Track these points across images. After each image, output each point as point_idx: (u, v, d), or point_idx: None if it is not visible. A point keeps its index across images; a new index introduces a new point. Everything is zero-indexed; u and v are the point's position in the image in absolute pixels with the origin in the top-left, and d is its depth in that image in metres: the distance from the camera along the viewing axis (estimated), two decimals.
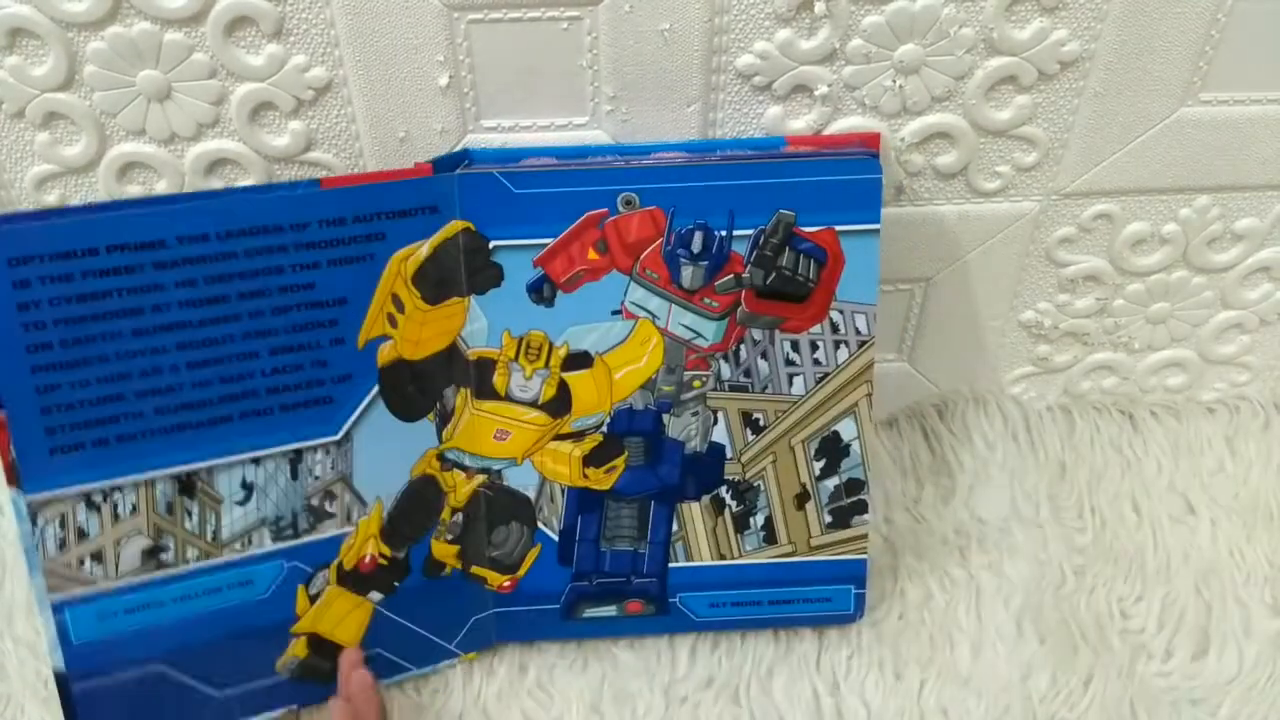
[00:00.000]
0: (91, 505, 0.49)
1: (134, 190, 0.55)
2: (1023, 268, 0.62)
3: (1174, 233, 0.60)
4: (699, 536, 0.57)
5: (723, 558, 0.58)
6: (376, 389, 0.52)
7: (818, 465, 0.56)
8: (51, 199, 0.55)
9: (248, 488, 0.51)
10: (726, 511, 0.57)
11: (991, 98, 0.54)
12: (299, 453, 0.51)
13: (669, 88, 0.52)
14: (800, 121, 0.54)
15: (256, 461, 0.51)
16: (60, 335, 0.46)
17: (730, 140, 0.54)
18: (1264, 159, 0.57)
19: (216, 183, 0.55)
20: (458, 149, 0.54)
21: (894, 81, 0.53)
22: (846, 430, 0.56)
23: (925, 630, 0.60)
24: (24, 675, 0.59)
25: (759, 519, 0.57)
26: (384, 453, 0.53)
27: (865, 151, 0.53)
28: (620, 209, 0.51)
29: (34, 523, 0.48)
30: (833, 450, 0.56)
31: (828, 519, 0.57)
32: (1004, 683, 0.57)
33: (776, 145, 0.53)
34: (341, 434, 0.52)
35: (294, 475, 0.52)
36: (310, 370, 0.50)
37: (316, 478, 0.52)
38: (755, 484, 0.57)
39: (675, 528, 0.57)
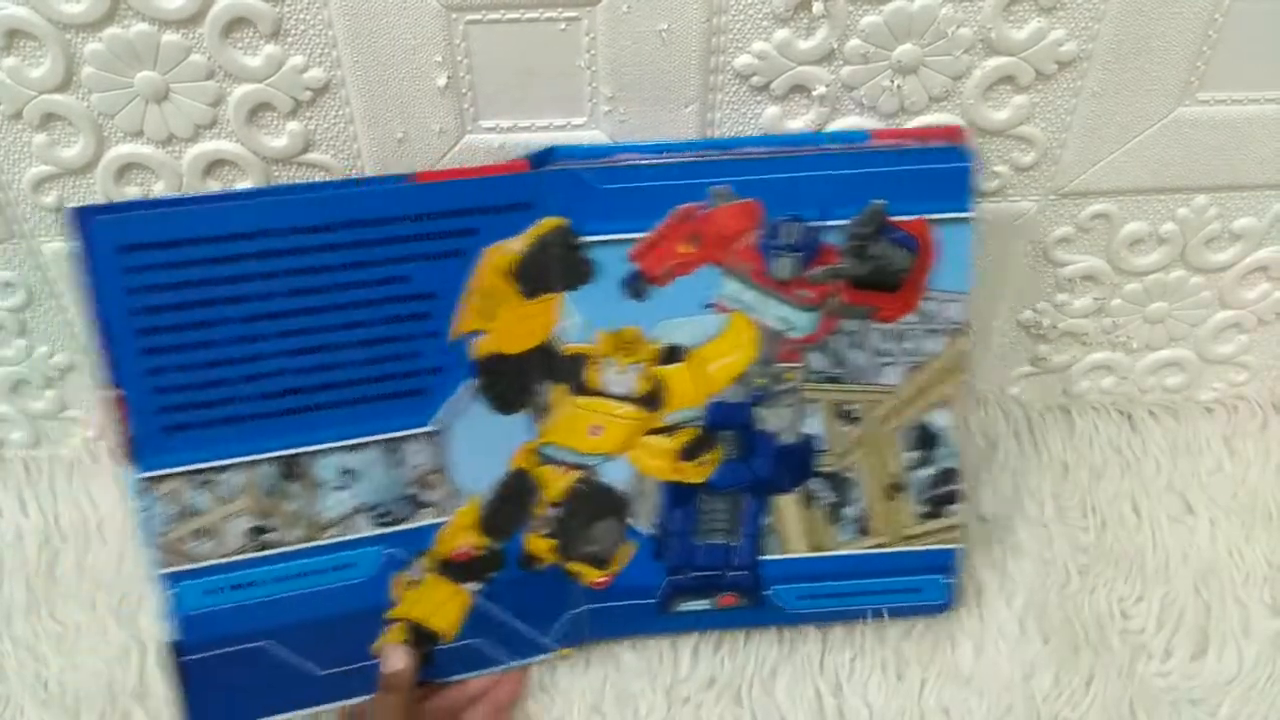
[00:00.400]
0: (200, 484, 0.51)
1: (132, 192, 0.55)
2: (1021, 268, 0.62)
3: (1172, 232, 0.60)
4: (792, 529, 0.57)
5: (815, 550, 0.58)
6: (468, 381, 0.52)
7: (911, 455, 0.56)
8: (49, 200, 0.55)
9: (347, 474, 0.52)
10: (819, 503, 0.57)
11: (989, 97, 0.54)
12: (397, 442, 0.52)
13: (667, 88, 0.52)
14: (798, 122, 0.54)
15: (355, 449, 0.52)
16: (170, 320, 0.48)
17: (815, 134, 0.54)
18: (1262, 158, 0.57)
19: (214, 184, 0.55)
20: (547, 146, 0.54)
21: (892, 81, 0.53)
22: (940, 420, 0.56)
23: (927, 630, 0.60)
24: (23, 676, 0.59)
25: (852, 510, 0.57)
26: (481, 445, 0.53)
27: (951, 142, 0.53)
28: (713, 202, 0.51)
29: (147, 498, 0.50)
30: (926, 440, 0.56)
31: (921, 509, 0.57)
32: (1006, 682, 0.57)
33: (861, 139, 0.53)
34: (434, 425, 0.52)
35: (392, 464, 0.53)
36: (403, 362, 0.51)
37: (414, 467, 0.53)
38: (848, 475, 0.56)
39: (768, 520, 0.57)
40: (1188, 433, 0.68)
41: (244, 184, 0.55)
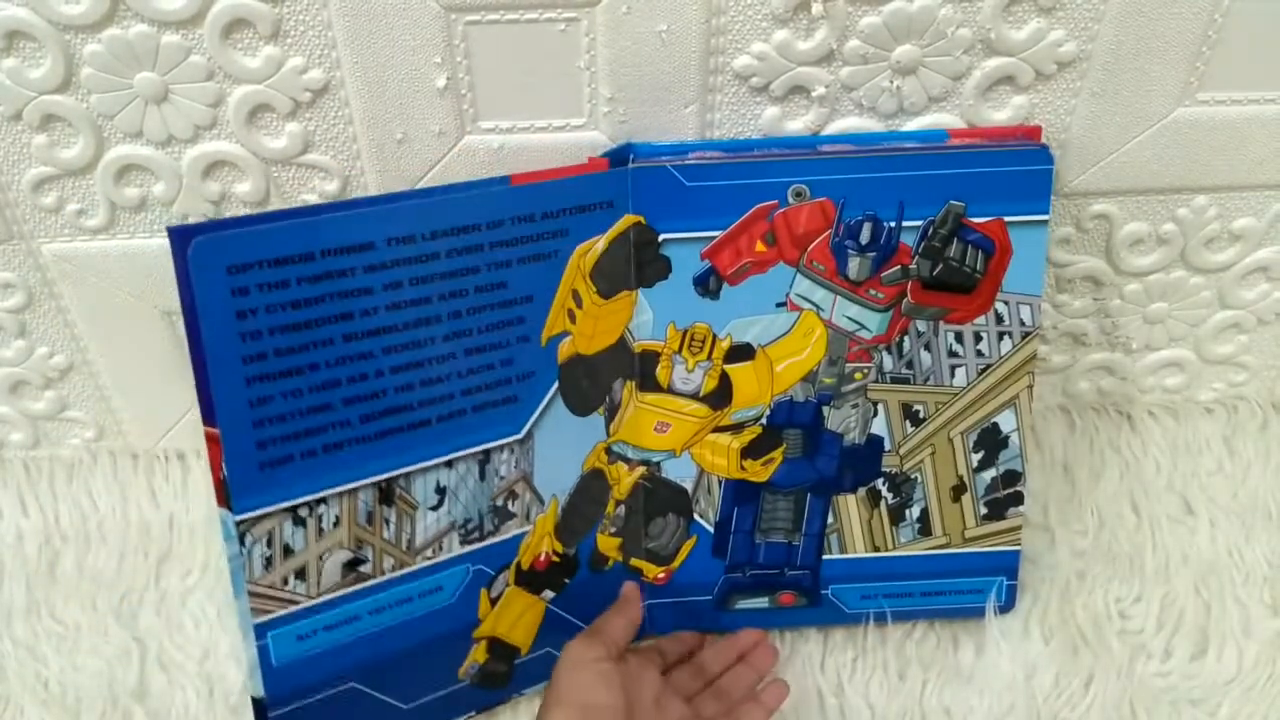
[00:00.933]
0: (298, 520, 0.48)
1: (131, 193, 0.55)
2: None
3: (1171, 233, 0.60)
4: (854, 528, 0.57)
5: (877, 550, 0.58)
6: (556, 385, 0.52)
7: (976, 457, 0.56)
8: (49, 201, 0.55)
9: (441, 491, 0.51)
10: (882, 503, 0.57)
11: (989, 98, 0.54)
12: (487, 453, 0.52)
13: (666, 89, 0.52)
14: (798, 123, 0.54)
15: (450, 465, 0.51)
16: (275, 344, 0.45)
17: (894, 133, 0.54)
18: (1261, 159, 0.57)
19: (213, 185, 0.55)
20: (622, 143, 0.54)
21: (891, 82, 0.53)
22: (1006, 422, 0.56)
23: (928, 630, 0.60)
24: (23, 677, 0.59)
25: (914, 511, 0.57)
26: (560, 449, 0.54)
27: (1031, 142, 0.53)
28: (790, 201, 0.51)
29: (242, 542, 0.47)
30: (992, 442, 0.56)
31: (983, 510, 0.57)
32: (1007, 682, 0.57)
33: (939, 139, 0.53)
34: (524, 432, 0.52)
35: (482, 476, 0.52)
36: (499, 370, 0.51)
37: (502, 477, 0.53)
38: (913, 476, 0.56)
39: (830, 520, 0.57)
40: (1188, 433, 0.68)
41: (243, 186, 0.55)
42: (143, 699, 0.58)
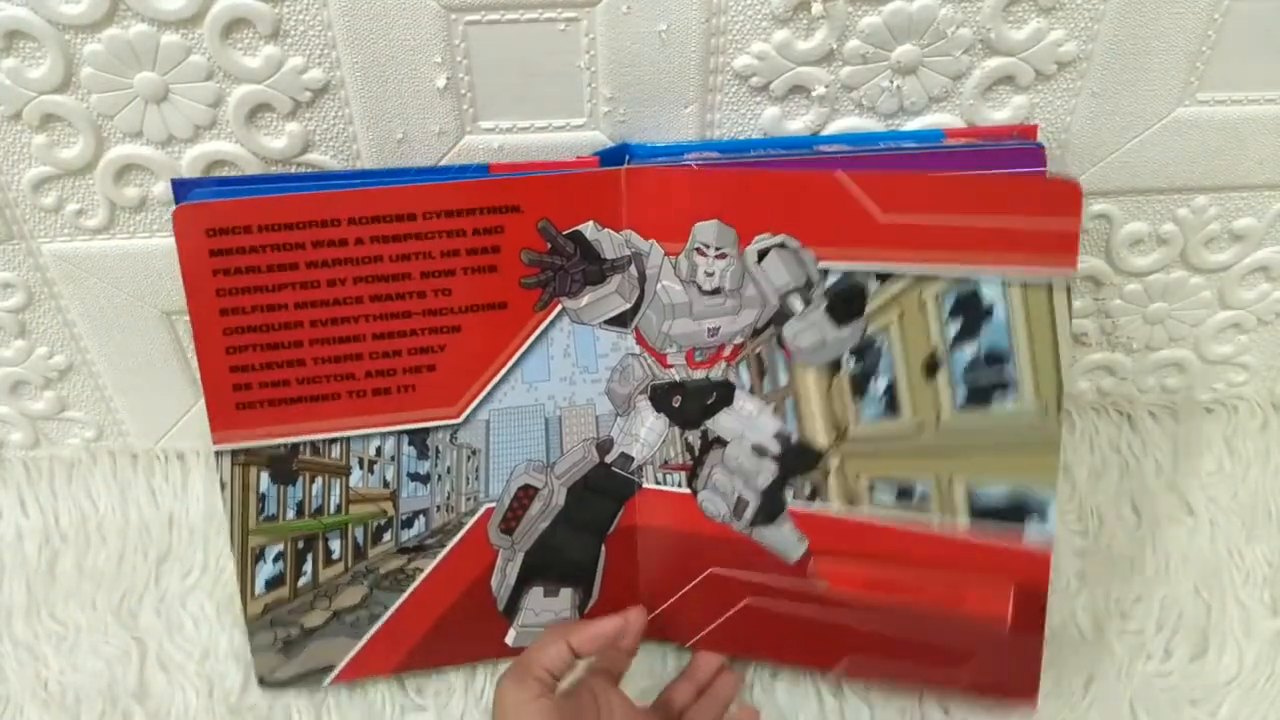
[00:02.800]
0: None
1: (131, 193, 0.55)
2: None
3: (1172, 233, 0.60)
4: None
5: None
6: None
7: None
8: (48, 201, 0.55)
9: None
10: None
11: (989, 98, 0.54)
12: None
13: (666, 89, 0.52)
14: (798, 123, 0.54)
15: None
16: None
17: (890, 133, 0.54)
18: (1261, 159, 0.57)
19: None
20: (618, 144, 0.54)
21: (891, 82, 0.53)
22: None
23: None
24: (23, 677, 0.59)
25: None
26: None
27: (1026, 141, 0.52)
28: None
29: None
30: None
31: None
32: None
33: (935, 138, 0.53)
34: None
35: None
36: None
37: None
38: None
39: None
40: (1188, 433, 0.68)
41: None
42: (143, 699, 0.58)
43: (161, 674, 0.59)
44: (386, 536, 0.56)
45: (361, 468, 0.54)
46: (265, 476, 0.54)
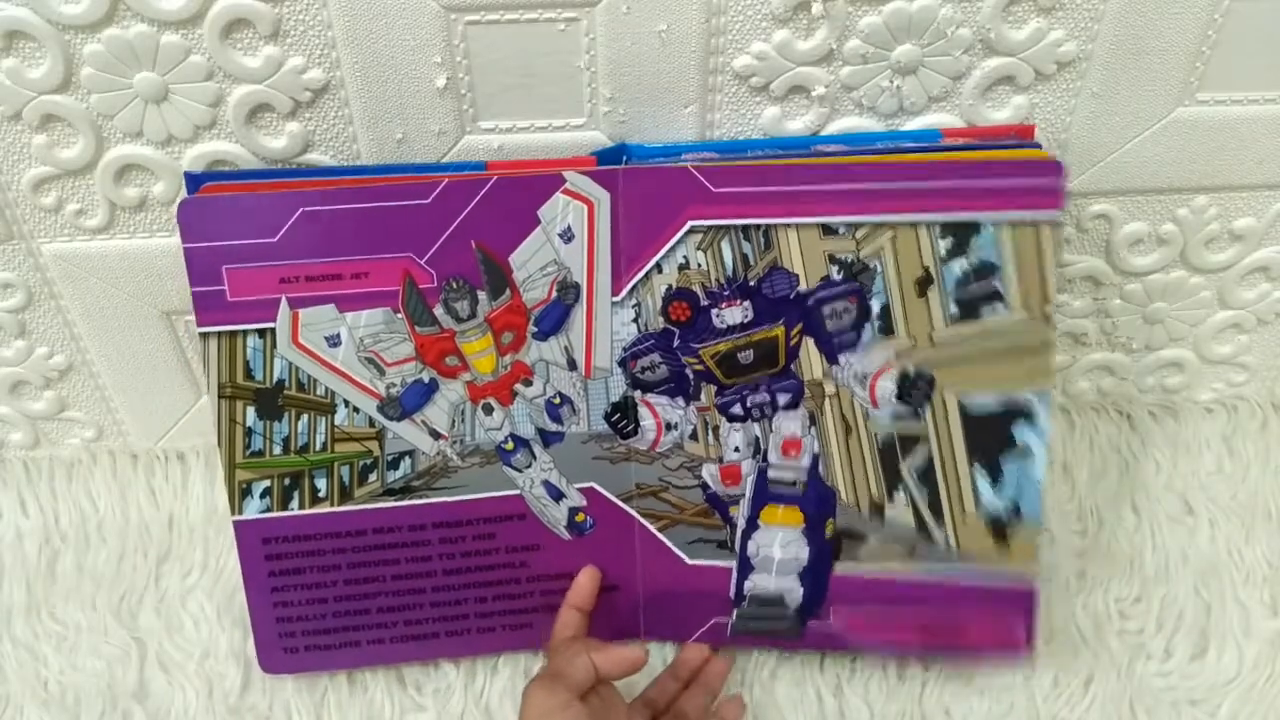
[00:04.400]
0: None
1: (131, 193, 0.55)
2: None
3: (1171, 233, 0.60)
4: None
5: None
6: None
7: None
8: (48, 201, 0.55)
9: None
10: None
11: (989, 98, 0.54)
12: None
13: (666, 89, 0.52)
14: (798, 122, 0.54)
15: None
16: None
17: (889, 133, 0.54)
18: (1261, 158, 0.57)
19: None
20: (617, 144, 0.54)
21: (891, 82, 0.53)
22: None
23: None
24: (23, 677, 0.59)
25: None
26: None
27: (1023, 141, 0.52)
28: None
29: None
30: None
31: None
32: (1006, 682, 0.57)
33: (933, 139, 0.53)
34: None
35: None
36: None
37: None
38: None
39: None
40: (1188, 433, 0.68)
41: None
42: (142, 699, 0.58)
43: (161, 674, 0.59)
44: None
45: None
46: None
